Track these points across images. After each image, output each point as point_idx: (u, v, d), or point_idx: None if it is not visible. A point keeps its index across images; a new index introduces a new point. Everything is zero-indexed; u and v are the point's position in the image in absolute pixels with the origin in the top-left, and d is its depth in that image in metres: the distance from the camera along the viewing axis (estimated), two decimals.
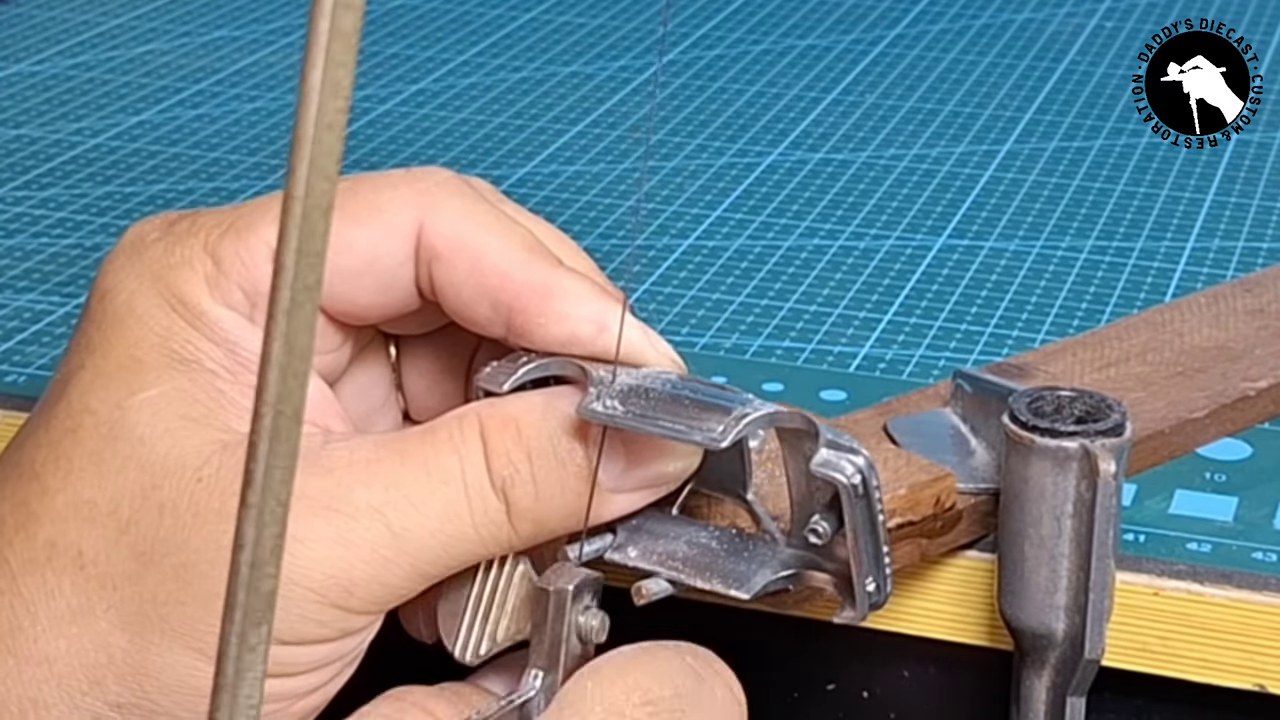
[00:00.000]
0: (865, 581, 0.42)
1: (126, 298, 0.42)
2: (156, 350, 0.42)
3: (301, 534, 0.40)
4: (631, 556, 0.43)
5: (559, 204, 0.72)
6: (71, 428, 0.42)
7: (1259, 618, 0.48)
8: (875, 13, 0.94)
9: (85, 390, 0.42)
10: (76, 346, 0.43)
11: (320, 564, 0.40)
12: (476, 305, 0.43)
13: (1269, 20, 0.93)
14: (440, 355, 0.47)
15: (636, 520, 0.43)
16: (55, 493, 0.41)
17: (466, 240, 0.43)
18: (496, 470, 0.41)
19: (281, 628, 0.40)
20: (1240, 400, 0.54)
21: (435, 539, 0.40)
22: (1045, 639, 0.46)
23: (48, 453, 0.42)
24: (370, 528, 0.40)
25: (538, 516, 0.41)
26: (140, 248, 0.43)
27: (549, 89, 0.83)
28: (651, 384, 0.41)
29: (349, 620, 0.40)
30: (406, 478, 0.40)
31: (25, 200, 0.71)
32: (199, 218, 0.43)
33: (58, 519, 0.41)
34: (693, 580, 0.42)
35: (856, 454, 0.41)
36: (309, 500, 0.40)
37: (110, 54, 0.86)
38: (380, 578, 0.40)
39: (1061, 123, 0.80)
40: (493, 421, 0.41)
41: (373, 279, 0.43)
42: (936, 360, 0.60)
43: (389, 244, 0.43)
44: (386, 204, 0.43)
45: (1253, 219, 0.71)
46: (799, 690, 0.53)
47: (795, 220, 0.70)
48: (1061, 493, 0.45)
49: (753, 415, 0.40)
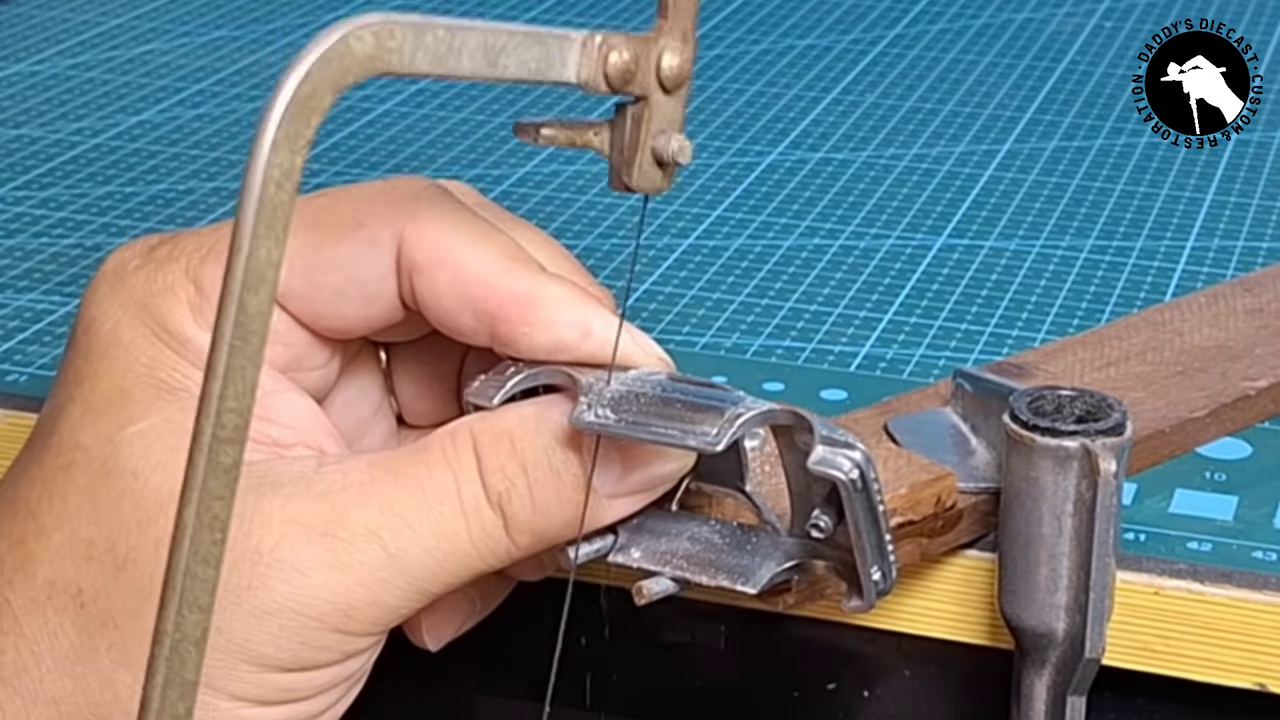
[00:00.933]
0: (870, 571, 0.42)
1: (111, 327, 0.42)
2: (144, 381, 0.42)
3: (299, 561, 0.40)
4: (635, 558, 0.43)
5: (559, 204, 0.72)
6: (64, 464, 0.42)
7: (1259, 617, 0.48)
8: (875, 13, 0.94)
9: (76, 426, 0.42)
10: (64, 379, 0.43)
11: (319, 590, 0.40)
12: (459, 315, 0.43)
13: (1269, 20, 0.93)
14: (430, 361, 0.47)
15: (637, 520, 0.43)
16: (52, 531, 0.41)
17: (447, 251, 0.43)
18: (492, 485, 0.41)
19: (284, 656, 0.40)
20: (1240, 399, 0.54)
21: (432, 557, 0.40)
22: (1046, 638, 0.46)
23: (42, 490, 0.42)
24: (367, 551, 0.40)
25: (535, 528, 0.41)
26: (122, 275, 0.43)
27: (549, 88, 0.83)
28: (642, 388, 0.41)
29: (351, 643, 0.40)
30: (401, 498, 0.40)
31: (25, 200, 0.71)
32: (179, 242, 0.43)
33: (55, 558, 0.41)
34: (698, 578, 0.42)
35: (852, 448, 0.41)
36: (304, 526, 0.40)
37: (110, 54, 0.86)
38: (379, 599, 0.40)
39: (1061, 122, 0.80)
40: (486, 436, 0.41)
41: (357, 294, 0.43)
42: (937, 360, 0.60)
43: (371, 259, 0.43)
44: (366, 218, 0.43)
45: (1252, 218, 0.71)
46: (799, 690, 0.53)
47: (795, 220, 0.70)
48: (1062, 492, 0.45)
49: (746, 415, 0.40)
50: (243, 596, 0.39)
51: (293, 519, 0.40)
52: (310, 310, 0.43)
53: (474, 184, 0.73)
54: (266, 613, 0.39)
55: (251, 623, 0.39)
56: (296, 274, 0.43)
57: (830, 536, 0.42)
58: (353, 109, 0.80)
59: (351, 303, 0.43)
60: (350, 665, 0.41)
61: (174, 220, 0.69)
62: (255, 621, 0.39)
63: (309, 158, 0.26)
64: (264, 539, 0.40)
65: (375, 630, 0.41)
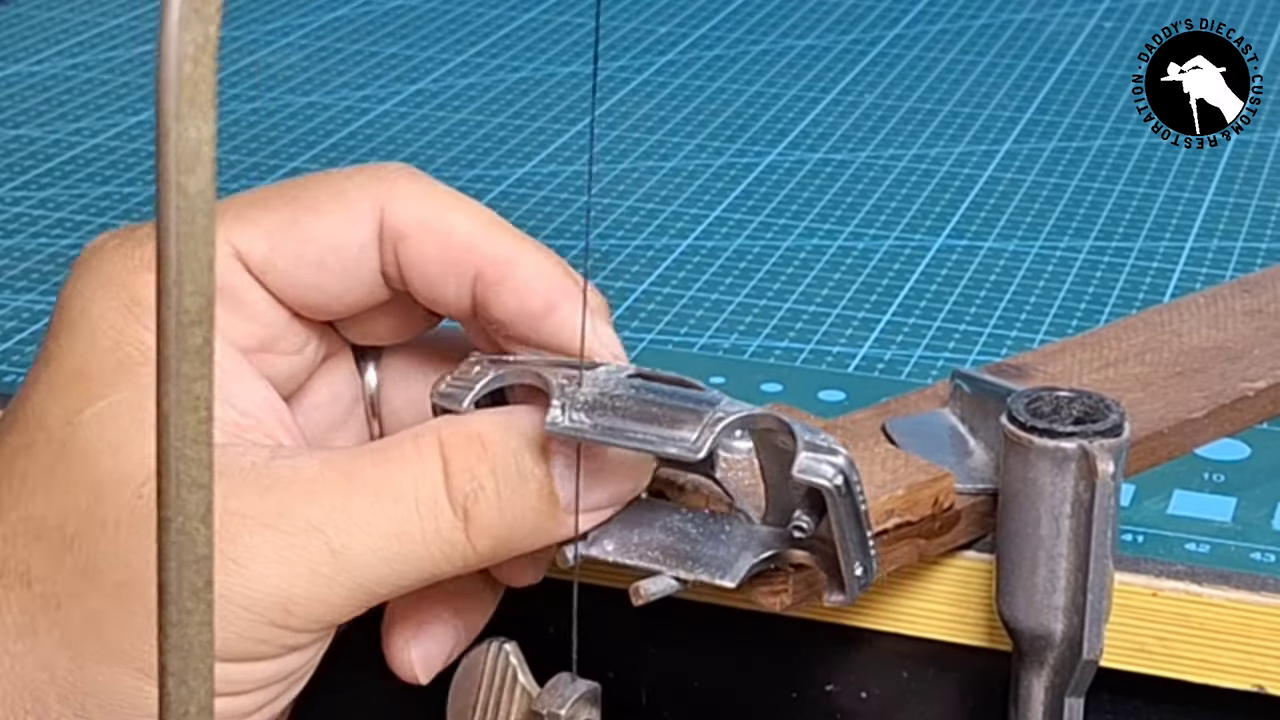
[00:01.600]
0: (854, 568, 0.41)
1: (83, 304, 0.42)
2: (108, 355, 0.41)
3: (239, 553, 0.39)
4: (609, 550, 0.42)
5: (558, 204, 0.72)
6: (26, 444, 0.42)
7: (1257, 618, 0.48)
8: (875, 13, 0.94)
9: (38, 405, 0.42)
10: (37, 359, 0.43)
11: (258, 582, 0.39)
12: (444, 282, 0.43)
13: (1269, 20, 0.93)
14: (417, 378, 0.47)
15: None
16: (8, 510, 0.41)
17: (433, 218, 0.43)
18: (458, 486, 0.40)
19: (221, 646, 0.39)
20: (1239, 400, 0.54)
21: (379, 557, 0.40)
22: (1043, 639, 0.46)
23: (3, 469, 0.42)
24: (308, 545, 0.39)
25: (499, 533, 0.41)
26: (101, 255, 0.43)
27: (549, 89, 0.83)
28: (615, 390, 0.40)
29: (291, 638, 0.40)
30: (352, 496, 0.40)
31: (25, 200, 0.71)
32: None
33: (9, 536, 0.41)
34: (675, 571, 0.41)
35: (835, 453, 0.40)
36: (247, 518, 0.39)
37: (110, 54, 0.86)
38: (321, 596, 0.40)
39: (1061, 123, 0.80)
40: (455, 438, 0.41)
41: (337, 266, 0.43)
42: (935, 360, 0.60)
43: (351, 229, 0.43)
44: (345, 190, 0.43)
45: (1251, 219, 0.71)
46: (798, 690, 0.53)
47: (794, 220, 0.70)
48: (1060, 493, 0.45)
49: (726, 420, 0.39)
50: None
51: (235, 510, 0.39)
52: (289, 284, 0.43)
53: (474, 184, 0.74)
54: None
55: None
56: (274, 248, 0.43)
57: (812, 534, 0.42)
58: (352, 109, 0.80)
59: (332, 275, 0.43)
60: (290, 660, 0.40)
61: None
62: None
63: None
64: None
65: (316, 627, 0.40)
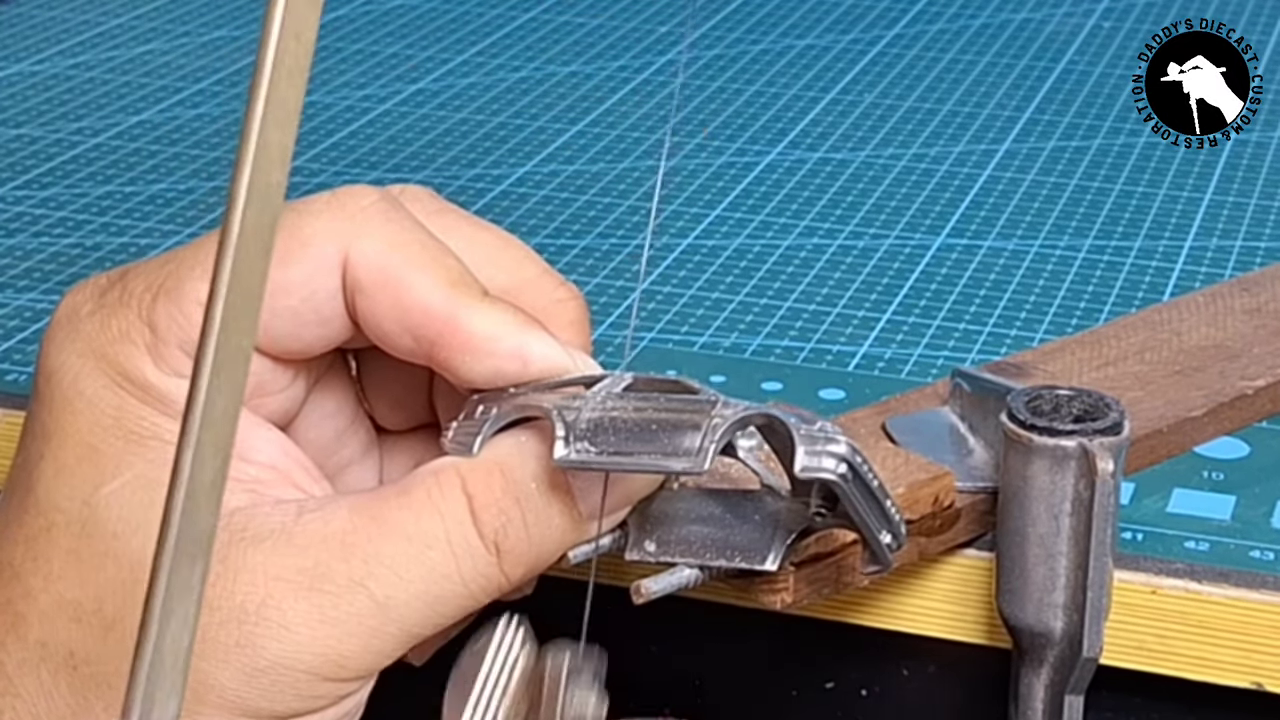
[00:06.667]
0: (880, 537, 0.42)
1: (72, 379, 0.42)
2: (112, 433, 0.41)
3: (286, 618, 0.39)
4: (651, 551, 0.42)
5: (558, 204, 0.72)
6: (45, 526, 0.42)
7: (1256, 616, 0.48)
8: (874, 13, 0.94)
9: (50, 486, 0.42)
10: (32, 432, 0.43)
11: (309, 645, 0.40)
12: (400, 338, 0.43)
13: (1269, 20, 0.93)
14: (402, 366, 0.47)
15: (640, 504, 0.43)
16: (39, 593, 0.41)
17: (389, 273, 0.42)
18: (487, 522, 0.41)
19: (279, 708, 0.40)
20: (1238, 399, 0.54)
21: (422, 600, 0.40)
22: (1043, 637, 0.46)
23: (25, 551, 0.42)
24: (354, 602, 0.40)
25: (529, 560, 0.41)
26: (76, 323, 0.43)
27: (549, 89, 0.83)
28: (614, 409, 0.40)
29: (344, 688, 0.41)
30: (386, 546, 0.40)
31: (25, 200, 0.71)
32: (129, 283, 0.43)
33: (45, 620, 0.41)
34: (716, 561, 0.42)
35: (834, 441, 0.40)
36: (288, 582, 0.40)
37: (110, 54, 0.86)
38: (370, 647, 0.40)
39: (1060, 122, 0.81)
40: (475, 475, 0.41)
41: (311, 315, 0.43)
42: (935, 359, 0.60)
43: (320, 279, 0.42)
44: (311, 238, 0.43)
45: (1250, 218, 0.71)
46: (799, 689, 0.53)
47: (794, 219, 0.71)
48: (1060, 491, 0.45)
49: (723, 426, 0.39)
50: (232, 655, 0.39)
51: (277, 575, 0.40)
52: (267, 335, 0.43)
53: (474, 184, 0.74)
54: (258, 670, 0.39)
55: (243, 680, 0.39)
56: None
57: (835, 512, 0.42)
58: (352, 109, 0.80)
59: (307, 324, 0.43)
60: (345, 705, 0.41)
61: (174, 220, 0.69)
62: (247, 679, 0.39)
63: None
64: (249, 596, 0.39)
65: (368, 674, 0.41)
